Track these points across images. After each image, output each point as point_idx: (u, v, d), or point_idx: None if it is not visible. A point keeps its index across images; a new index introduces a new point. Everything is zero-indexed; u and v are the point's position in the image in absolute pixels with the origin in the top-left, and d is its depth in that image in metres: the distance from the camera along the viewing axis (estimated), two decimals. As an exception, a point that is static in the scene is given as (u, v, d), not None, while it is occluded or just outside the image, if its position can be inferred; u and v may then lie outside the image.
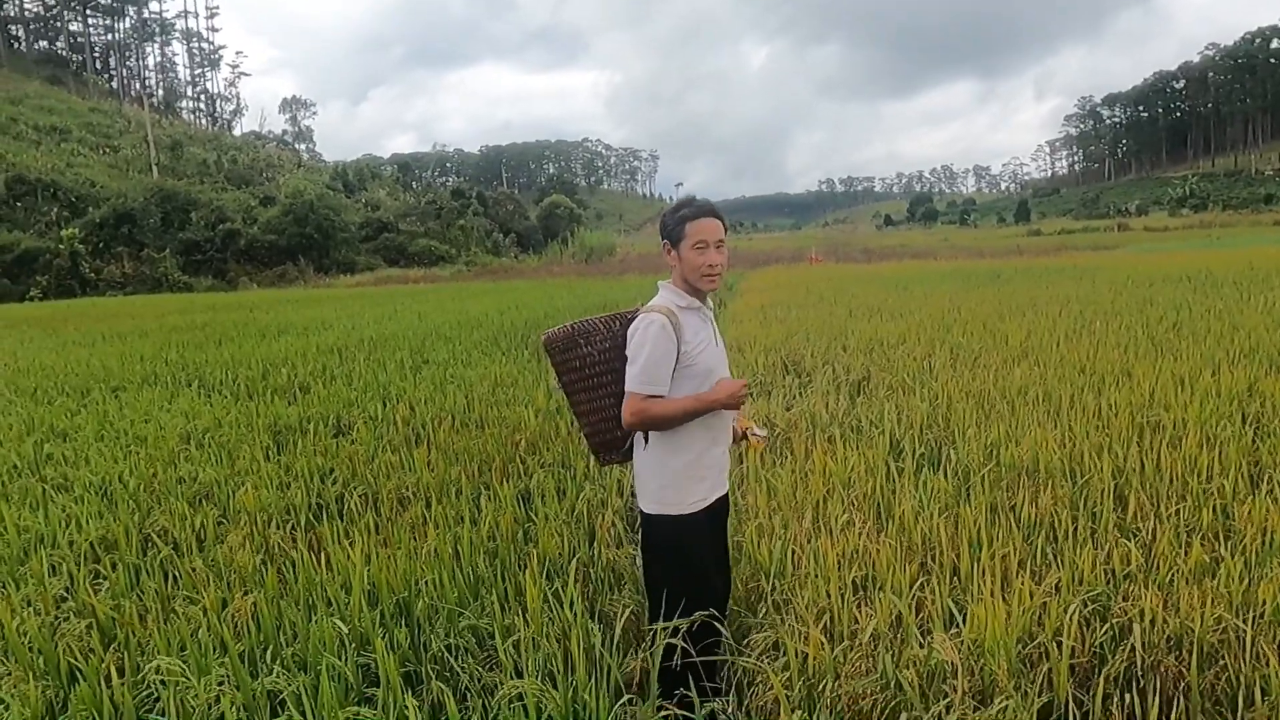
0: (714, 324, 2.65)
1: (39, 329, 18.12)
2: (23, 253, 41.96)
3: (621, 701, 2.44)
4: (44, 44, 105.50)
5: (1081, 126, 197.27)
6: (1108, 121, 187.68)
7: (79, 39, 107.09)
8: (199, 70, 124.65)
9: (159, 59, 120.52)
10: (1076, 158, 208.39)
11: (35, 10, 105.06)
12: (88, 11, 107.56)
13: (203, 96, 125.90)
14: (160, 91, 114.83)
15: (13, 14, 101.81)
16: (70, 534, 4.24)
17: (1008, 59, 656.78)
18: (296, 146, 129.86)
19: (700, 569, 2.57)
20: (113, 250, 45.26)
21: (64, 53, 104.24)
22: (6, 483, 5.34)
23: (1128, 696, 2.34)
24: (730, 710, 2.62)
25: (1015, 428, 4.96)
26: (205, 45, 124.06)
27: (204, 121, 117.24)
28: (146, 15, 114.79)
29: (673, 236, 2.51)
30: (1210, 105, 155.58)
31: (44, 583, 3.57)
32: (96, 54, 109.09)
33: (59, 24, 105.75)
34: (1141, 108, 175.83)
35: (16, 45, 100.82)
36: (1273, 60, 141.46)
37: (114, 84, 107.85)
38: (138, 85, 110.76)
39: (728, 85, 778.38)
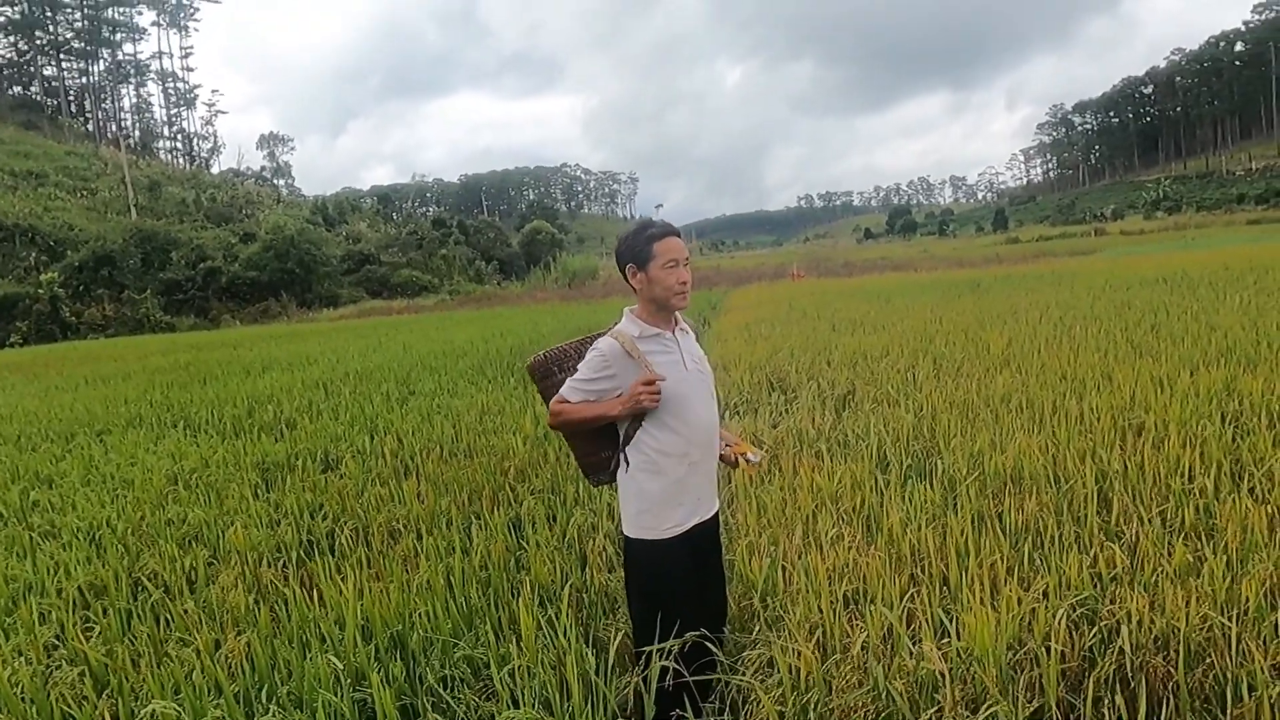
0: (683, 349, 2.60)
1: (20, 375, 17.95)
2: (1, 299, 41.65)
3: (618, 725, 2.45)
4: (18, 89, 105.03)
5: (1054, 134, 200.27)
6: (1080, 128, 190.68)
7: (53, 83, 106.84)
8: (175, 110, 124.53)
9: (134, 100, 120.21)
10: (1051, 165, 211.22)
11: (8, 56, 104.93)
12: (61, 56, 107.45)
13: (179, 136, 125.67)
14: (137, 133, 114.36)
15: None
16: (59, 581, 4.21)
17: (979, 70, 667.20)
18: (275, 182, 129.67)
19: (675, 592, 2.57)
20: (93, 293, 44.98)
21: (38, 97, 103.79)
22: (-8, 532, 5.30)
23: (1117, 698, 2.36)
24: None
25: (999, 436, 5.00)
26: (181, 85, 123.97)
27: (181, 161, 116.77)
28: (121, 58, 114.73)
29: (640, 258, 2.51)
30: (1179, 109, 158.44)
31: (34, 631, 3.54)
32: (71, 97, 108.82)
33: (32, 69, 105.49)
34: (1112, 113, 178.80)
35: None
36: (1237, 63, 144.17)
37: (90, 127, 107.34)
38: (114, 127, 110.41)
39: (704, 104, 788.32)
